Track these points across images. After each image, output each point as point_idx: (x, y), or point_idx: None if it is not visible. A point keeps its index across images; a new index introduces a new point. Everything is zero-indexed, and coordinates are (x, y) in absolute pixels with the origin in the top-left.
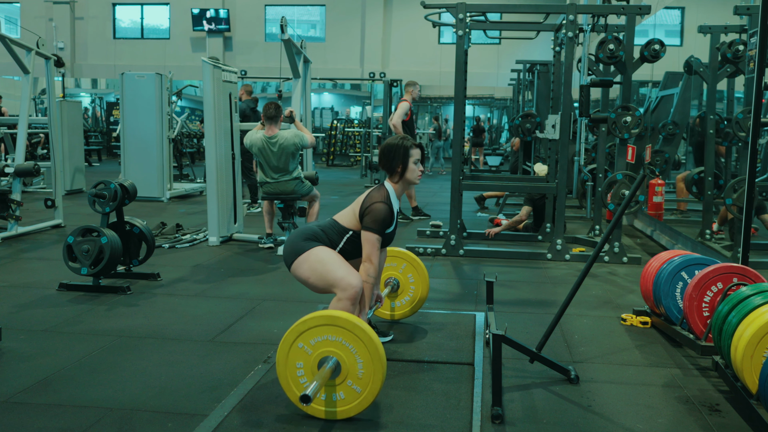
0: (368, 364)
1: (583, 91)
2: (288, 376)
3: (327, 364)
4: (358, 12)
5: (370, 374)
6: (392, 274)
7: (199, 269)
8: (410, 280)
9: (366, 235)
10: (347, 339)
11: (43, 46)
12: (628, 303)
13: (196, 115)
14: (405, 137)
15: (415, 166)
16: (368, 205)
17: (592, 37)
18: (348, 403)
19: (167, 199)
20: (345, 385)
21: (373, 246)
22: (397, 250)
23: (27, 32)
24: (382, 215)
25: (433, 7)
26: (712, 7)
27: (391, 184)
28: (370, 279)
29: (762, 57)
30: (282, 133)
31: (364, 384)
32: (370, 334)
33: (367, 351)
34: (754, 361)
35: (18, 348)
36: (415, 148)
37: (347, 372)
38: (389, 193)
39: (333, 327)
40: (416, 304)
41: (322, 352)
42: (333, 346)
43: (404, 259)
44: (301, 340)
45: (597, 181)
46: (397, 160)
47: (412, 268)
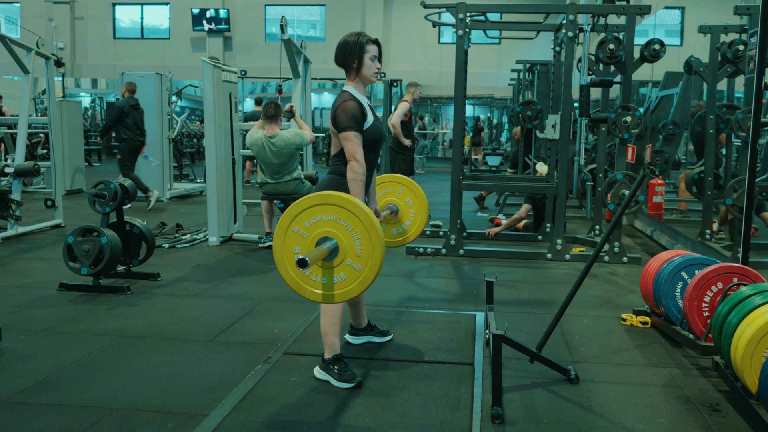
0: (366, 240)
1: (583, 91)
2: (286, 261)
3: (325, 243)
4: (358, 12)
5: (369, 250)
6: (390, 199)
7: (199, 269)
8: (409, 203)
9: (343, 134)
10: (342, 216)
11: (43, 46)
12: (628, 303)
13: (196, 115)
14: (361, 33)
15: (372, 62)
16: (334, 110)
17: (592, 37)
18: (348, 283)
19: (167, 199)
20: (344, 265)
21: (352, 143)
22: (394, 175)
23: (27, 32)
24: (350, 110)
25: (433, 7)
26: (712, 7)
27: (351, 84)
28: (357, 176)
29: (762, 57)
30: (282, 133)
31: (364, 261)
32: (365, 208)
33: (363, 227)
34: (754, 361)
35: (18, 348)
36: (372, 43)
37: (345, 251)
38: (350, 92)
39: (327, 206)
40: (417, 228)
41: (319, 233)
42: (329, 225)
43: (401, 183)
44: (296, 223)
45: (597, 181)
46: (353, 56)
47: (410, 192)
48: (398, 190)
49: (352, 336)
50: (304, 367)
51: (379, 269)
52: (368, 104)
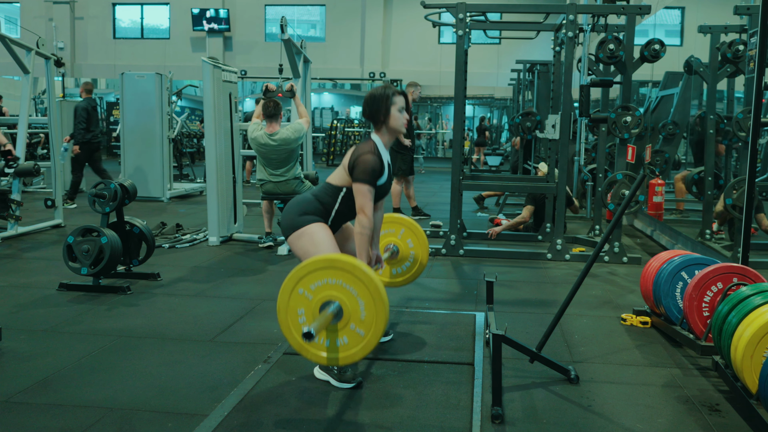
0: (370, 305)
1: (583, 91)
2: (290, 323)
3: (329, 308)
4: (358, 12)
5: (373, 316)
6: (391, 240)
7: (199, 269)
8: (410, 245)
9: (357, 186)
10: (347, 281)
11: (43, 46)
12: (628, 303)
13: (196, 115)
14: (388, 86)
15: (399, 114)
16: (356, 156)
17: (592, 37)
18: (351, 347)
19: (167, 199)
20: (348, 329)
21: (365, 197)
22: (395, 215)
23: (27, 32)
24: (371, 165)
25: (433, 7)
26: (712, 7)
27: (377, 134)
28: (364, 230)
29: (762, 57)
30: (282, 131)
31: (368, 326)
32: (371, 274)
33: (368, 292)
34: (754, 361)
35: (18, 348)
36: (399, 95)
37: (350, 315)
38: (376, 144)
39: (332, 270)
40: (417, 270)
41: (323, 297)
42: (334, 289)
43: (402, 224)
44: (301, 285)
45: (597, 181)
46: (380, 109)
47: (411, 234)
48: (399, 231)
49: None
50: (304, 367)
51: (381, 334)
52: (388, 161)
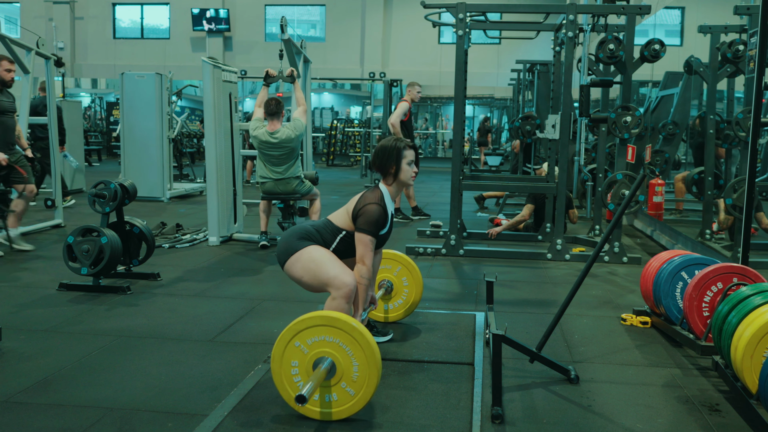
0: (364, 367)
1: (583, 91)
2: (282, 374)
3: (322, 364)
4: (358, 12)
5: (365, 378)
6: (386, 276)
7: (199, 269)
8: (404, 283)
9: (359, 236)
10: (344, 341)
11: (43, 46)
12: (628, 303)
13: (196, 115)
14: (399, 138)
15: (409, 167)
16: (362, 206)
17: (592, 37)
18: (341, 404)
19: (167, 199)
20: (339, 387)
21: (366, 247)
22: (393, 252)
23: (27, 32)
24: (375, 216)
25: (433, 7)
26: (712, 7)
27: (386, 185)
28: (363, 280)
29: (762, 57)
30: (283, 129)
31: (359, 387)
32: (368, 337)
33: (363, 354)
34: (754, 361)
35: (18, 348)
36: (409, 149)
37: (342, 374)
38: (383, 194)
39: (331, 328)
40: (409, 308)
41: (318, 353)
42: (329, 347)
43: (399, 262)
44: (299, 338)
45: (597, 181)
46: (391, 162)
47: (407, 272)
48: (396, 269)
49: None
50: None
51: (371, 396)
52: (392, 211)
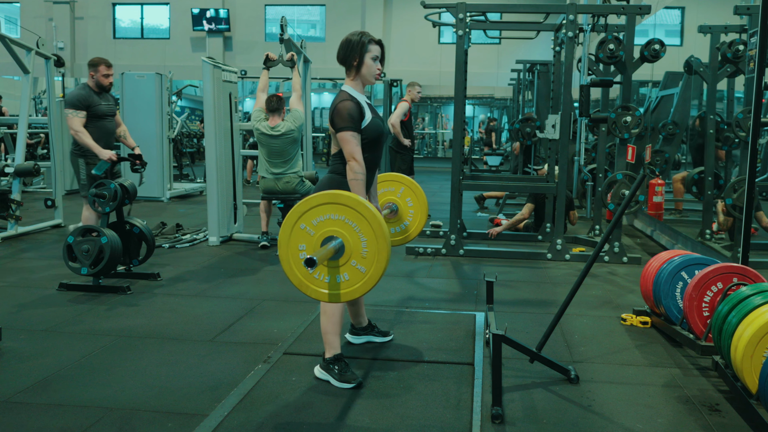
0: (372, 242)
1: (583, 91)
2: (290, 258)
3: (331, 243)
4: (358, 12)
5: (375, 253)
6: (390, 198)
7: (199, 269)
8: (409, 203)
9: (340, 135)
10: (350, 217)
11: (43, 46)
12: (628, 303)
13: (196, 115)
14: (364, 33)
15: (373, 62)
16: (332, 110)
17: (592, 37)
18: (352, 284)
19: (167, 199)
20: (349, 266)
21: (350, 143)
22: (395, 174)
23: (27, 32)
24: (347, 110)
25: (433, 7)
26: (712, 7)
27: (349, 84)
28: (357, 175)
29: (762, 57)
30: (283, 123)
31: (369, 263)
32: (374, 211)
33: (371, 228)
34: (754, 361)
35: (18, 348)
36: (374, 44)
37: (351, 251)
38: (348, 91)
39: (335, 205)
40: (416, 228)
41: (325, 232)
42: (336, 225)
43: (402, 182)
44: (303, 220)
45: (597, 181)
46: (354, 54)
47: (410, 192)
48: (399, 190)
49: (352, 336)
50: (304, 367)
51: (383, 272)
52: (367, 102)
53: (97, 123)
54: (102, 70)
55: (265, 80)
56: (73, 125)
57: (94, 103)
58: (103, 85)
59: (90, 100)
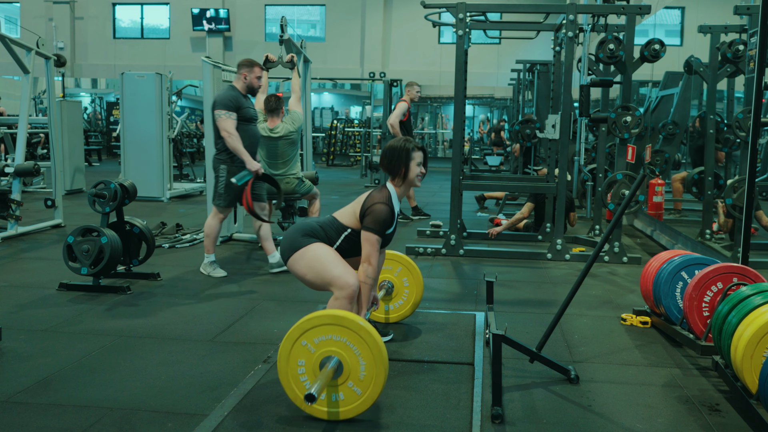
0: (371, 366)
1: (583, 91)
2: (289, 373)
3: (329, 363)
4: (358, 12)
5: (372, 377)
6: (387, 277)
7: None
8: (405, 283)
9: (366, 235)
10: (351, 340)
11: (43, 46)
12: (628, 303)
13: (196, 115)
14: (408, 139)
15: (417, 168)
16: (370, 205)
17: (592, 37)
18: (348, 404)
19: (167, 199)
20: (345, 386)
21: (372, 246)
22: (393, 253)
23: (27, 32)
24: (383, 216)
25: (433, 7)
26: (712, 7)
27: (393, 186)
28: (368, 280)
29: (762, 57)
30: (282, 124)
31: (365, 386)
32: (375, 336)
33: (370, 353)
34: (754, 361)
35: (18, 348)
36: (418, 150)
37: (349, 373)
38: (391, 194)
39: (338, 327)
40: (410, 308)
41: (325, 352)
42: (336, 346)
43: (400, 262)
44: (305, 337)
45: (597, 181)
46: (400, 163)
47: (407, 272)
48: (396, 269)
49: None
50: None
51: (378, 395)
52: (398, 211)
53: (244, 127)
54: (257, 72)
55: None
56: (226, 127)
57: (243, 106)
58: (254, 88)
59: (240, 102)
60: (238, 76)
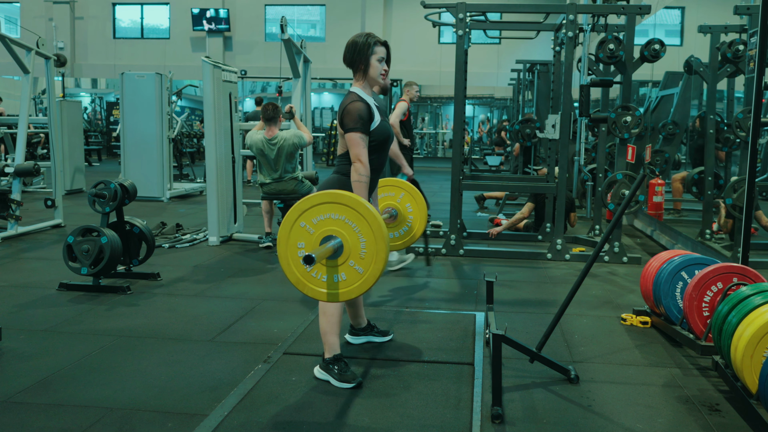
0: (371, 243)
1: (583, 91)
2: (289, 256)
3: (329, 242)
4: (358, 12)
5: (373, 254)
6: (390, 203)
7: (199, 269)
8: (408, 209)
9: (348, 136)
10: (350, 217)
11: (43, 46)
12: (628, 303)
13: (196, 115)
14: (370, 34)
15: (379, 64)
16: (342, 110)
17: (592, 37)
18: (350, 284)
19: (167, 199)
20: (347, 266)
21: (358, 145)
22: (395, 179)
23: (27, 32)
24: (357, 111)
25: (433, 7)
26: (712, 7)
27: (356, 84)
28: (362, 177)
29: (762, 57)
30: (281, 134)
31: (367, 264)
32: (374, 212)
33: (370, 229)
34: (754, 361)
35: (18, 348)
36: (380, 45)
37: (349, 251)
38: (357, 92)
39: (336, 205)
40: (414, 234)
41: (325, 231)
42: (335, 224)
43: (402, 188)
44: (303, 218)
45: (597, 181)
46: (360, 56)
47: (410, 198)
48: (399, 195)
49: (352, 336)
50: (304, 367)
51: (380, 273)
52: (375, 104)
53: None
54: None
55: None
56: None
57: None
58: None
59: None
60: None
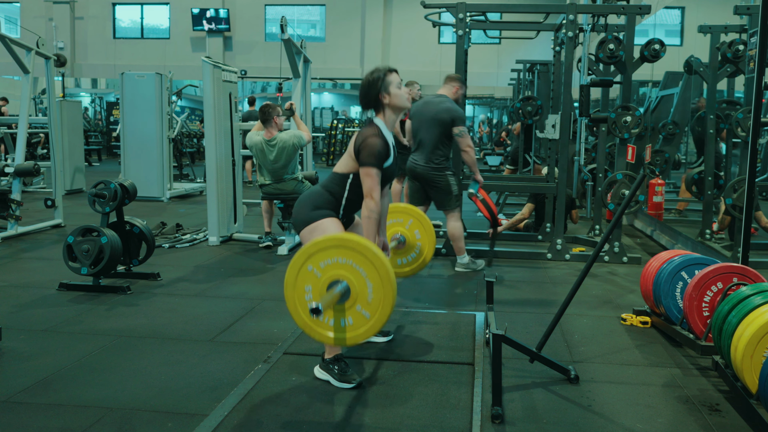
0: (378, 288)
1: (583, 91)
2: (296, 299)
3: (336, 287)
4: (358, 12)
5: (380, 299)
6: (399, 229)
7: (199, 269)
8: (417, 236)
9: (364, 170)
10: (357, 261)
11: (43, 46)
12: (628, 303)
13: (196, 115)
14: (376, 69)
15: (399, 90)
16: (362, 140)
17: (592, 37)
18: (357, 328)
19: (167, 198)
20: (354, 310)
21: (372, 180)
22: (403, 205)
23: (27, 32)
24: (377, 147)
25: (433, 7)
26: (712, 7)
27: (379, 117)
28: (372, 214)
29: (762, 57)
30: (280, 135)
31: (374, 309)
32: (381, 257)
33: (377, 274)
34: (754, 361)
35: (18, 348)
36: (391, 73)
37: (357, 296)
38: (380, 127)
39: (343, 249)
40: (423, 261)
41: (332, 275)
42: (343, 268)
43: (411, 215)
44: (311, 262)
45: (597, 181)
46: (379, 92)
47: (419, 224)
48: (407, 222)
49: None
50: (304, 367)
51: (387, 318)
52: (392, 142)
53: None
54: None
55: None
56: (470, 143)
57: None
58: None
59: None
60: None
